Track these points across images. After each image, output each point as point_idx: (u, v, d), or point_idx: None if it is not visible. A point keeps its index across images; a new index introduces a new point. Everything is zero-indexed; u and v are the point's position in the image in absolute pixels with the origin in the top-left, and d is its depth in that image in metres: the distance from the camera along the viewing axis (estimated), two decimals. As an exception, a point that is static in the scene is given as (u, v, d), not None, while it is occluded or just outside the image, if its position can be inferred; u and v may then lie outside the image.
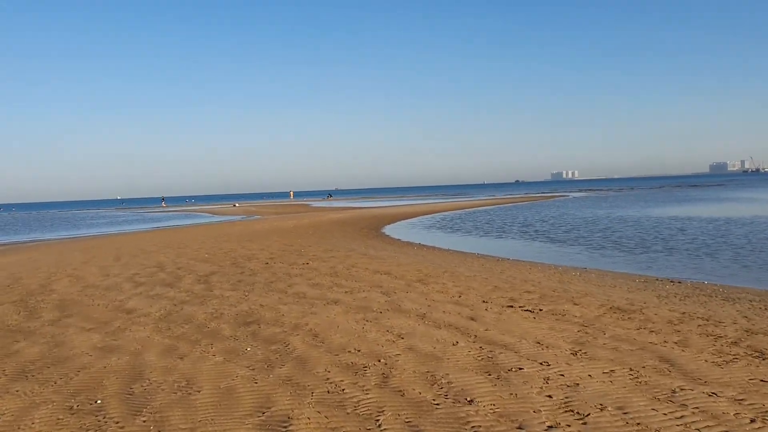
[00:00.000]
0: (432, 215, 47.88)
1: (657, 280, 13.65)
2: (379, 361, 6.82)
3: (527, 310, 9.29)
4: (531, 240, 25.32)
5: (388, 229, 33.47)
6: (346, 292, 11.65)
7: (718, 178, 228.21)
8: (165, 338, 8.44)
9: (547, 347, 7.15)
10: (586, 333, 7.80)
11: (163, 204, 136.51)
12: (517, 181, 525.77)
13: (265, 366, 6.83)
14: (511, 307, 9.63)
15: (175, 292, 12.63)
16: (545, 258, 18.77)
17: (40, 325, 9.70)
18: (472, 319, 8.80)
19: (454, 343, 7.47)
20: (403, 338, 7.79)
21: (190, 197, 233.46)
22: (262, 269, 15.78)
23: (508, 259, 18.28)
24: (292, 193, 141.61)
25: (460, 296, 10.70)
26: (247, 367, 6.84)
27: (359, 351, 7.27)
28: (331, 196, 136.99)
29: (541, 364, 6.51)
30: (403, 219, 42.68)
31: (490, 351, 7.04)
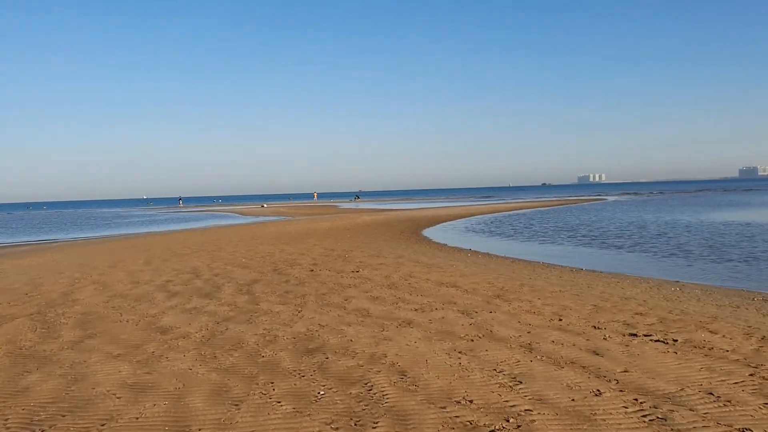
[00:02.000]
0: (468, 218, 45.93)
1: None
2: (508, 421, 5.00)
3: (659, 341, 7.41)
4: (586, 246, 23.30)
5: (429, 233, 31.62)
6: (415, 309, 9.86)
7: (750, 183, 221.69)
8: (212, 372, 6.71)
9: (728, 402, 5.28)
10: (764, 378, 5.90)
11: (180, 204, 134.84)
12: (544, 184, 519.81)
13: (353, 423, 5.06)
14: (635, 335, 7.75)
15: (216, 304, 10.94)
16: (615, 267, 16.80)
17: (59, 349, 8.04)
18: (596, 353, 6.94)
19: (596, 392, 5.63)
20: (521, 382, 5.97)
21: (217, 197, 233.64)
22: (308, 278, 14.06)
23: (582, 269, 16.32)
24: (316, 194, 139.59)
25: (560, 319, 8.84)
26: (329, 424, 5.06)
27: (471, 402, 5.47)
28: (358, 197, 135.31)
29: (741, 431, 4.66)
30: (441, 222, 40.79)
31: (654, 407, 5.19)
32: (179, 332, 8.78)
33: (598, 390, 5.66)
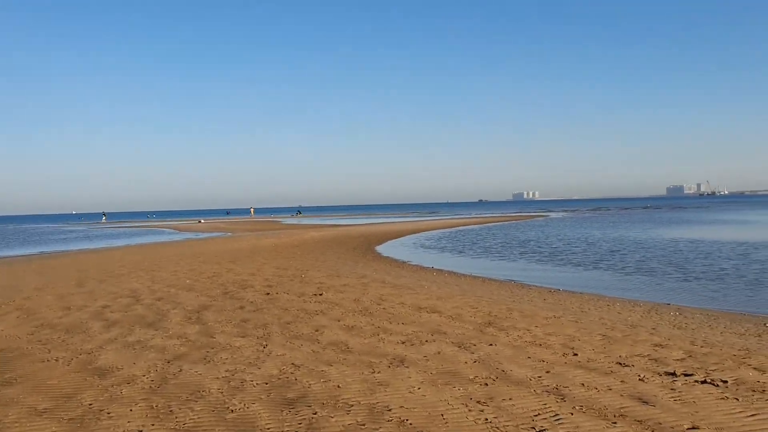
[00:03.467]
0: (418, 234, 44.94)
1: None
2: None
3: (705, 382, 6.28)
4: (544, 263, 22.48)
5: (383, 250, 30.36)
6: (402, 342, 8.53)
7: (677, 201, 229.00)
8: (169, 436, 5.20)
9: None
10: None
11: (103, 219, 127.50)
12: (481, 200, 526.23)
13: None
14: (672, 375, 6.62)
15: (163, 336, 9.33)
16: (588, 286, 15.92)
17: (-34, 403, 6.34)
18: (643, 400, 5.76)
19: (677, 460, 4.41)
20: (574, 446, 4.70)
21: (151, 213, 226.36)
22: (265, 303, 12.55)
23: (559, 289, 15.32)
24: (252, 210, 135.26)
25: (574, 354, 7.66)
26: None
27: (526, 479, 4.16)
28: (300, 212, 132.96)
29: None
30: (392, 238, 39.59)
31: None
32: (122, 375, 7.18)
33: (680, 458, 4.44)
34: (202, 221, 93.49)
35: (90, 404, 6.13)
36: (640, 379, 6.44)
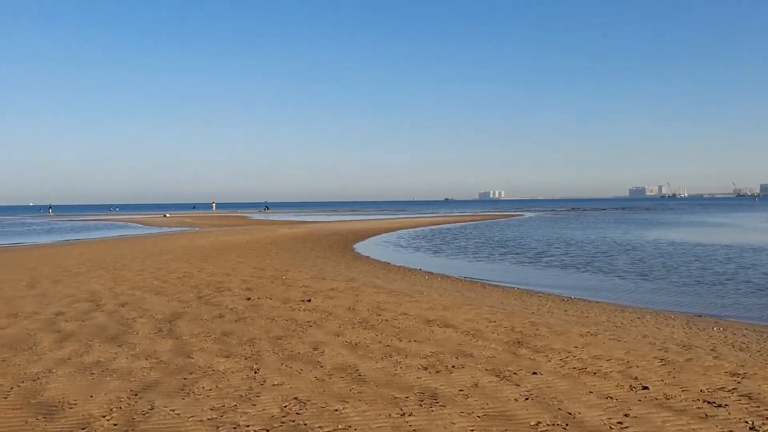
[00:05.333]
0: (393, 232, 43.47)
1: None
2: None
3: (836, 434, 4.89)
4: (544, 267, 21.15)
5: (362, 249, 28.79)
6: (424, 368, 7.02)
7: (641, 202, 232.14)
8: None
9: None
10: None
11: (50, 213, 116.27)
12: (447, 199, 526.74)
13: None
14: (786, 420, 5.21)
15: (128, 356, 7.67)
16: (597, 293, 14.65)
17: None
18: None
19: None
20: None
21: (114, 205, 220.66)
22: (247, 310, 10.94)
23: (572, 297, 13.96)
24: (214, 204, 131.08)
25: (643, 387, 6.23)
26: None
27: None
28: (268, 208, 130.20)
29: None
30: (368, 236, 38.03)
31: None
32: (76, 415, 5.54)
33: None
34: (168, 215, 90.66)
35: (29, 464, 4.48)
36: (751, 428, 5.03)
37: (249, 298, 12.27)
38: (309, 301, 11.95)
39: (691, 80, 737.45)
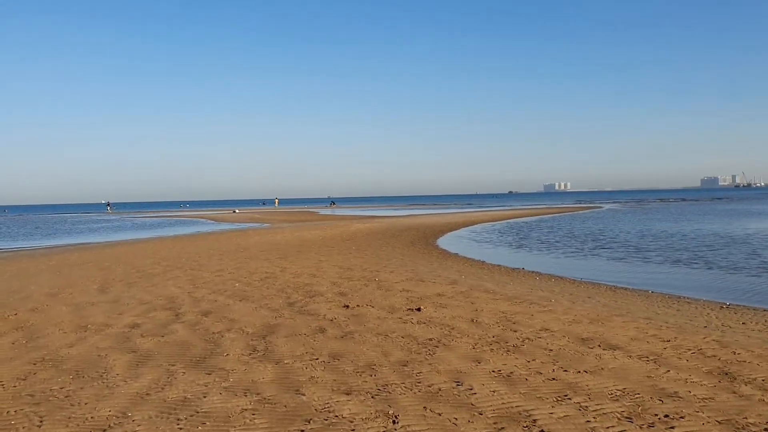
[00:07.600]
0: (471, 227, 41.24)
1: None
2: None
3: None
4: (656, 264, 18.62)
5: (447, 245, 26.78)
6: (627, 418, 5.05)
7: (712, 193, 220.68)
8: None
9: None
10: None
11: (108, 210, 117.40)
12: (511, 192, 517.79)
13: None
14: None
15: (222, 391, 5.96)
16: (755, 299, 12.26)
17: None
18: None
19: None
20: None
21: (185, 202, 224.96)
22: (349, 321, 9.18)
23: (726, 303, 11.62)
24: (277, 200, 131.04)
25: None
26: None
27: None
28: (334, 203, 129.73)
29: None
30: (447, 231, 35.94)
31: None
32: (161, 499, 3.80)
33: None
34: (237, 211, 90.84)
35: None
36: None
37: (347, 306, 10.52)
38: (419, 309, 10.10)
39: (764, 64, 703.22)
